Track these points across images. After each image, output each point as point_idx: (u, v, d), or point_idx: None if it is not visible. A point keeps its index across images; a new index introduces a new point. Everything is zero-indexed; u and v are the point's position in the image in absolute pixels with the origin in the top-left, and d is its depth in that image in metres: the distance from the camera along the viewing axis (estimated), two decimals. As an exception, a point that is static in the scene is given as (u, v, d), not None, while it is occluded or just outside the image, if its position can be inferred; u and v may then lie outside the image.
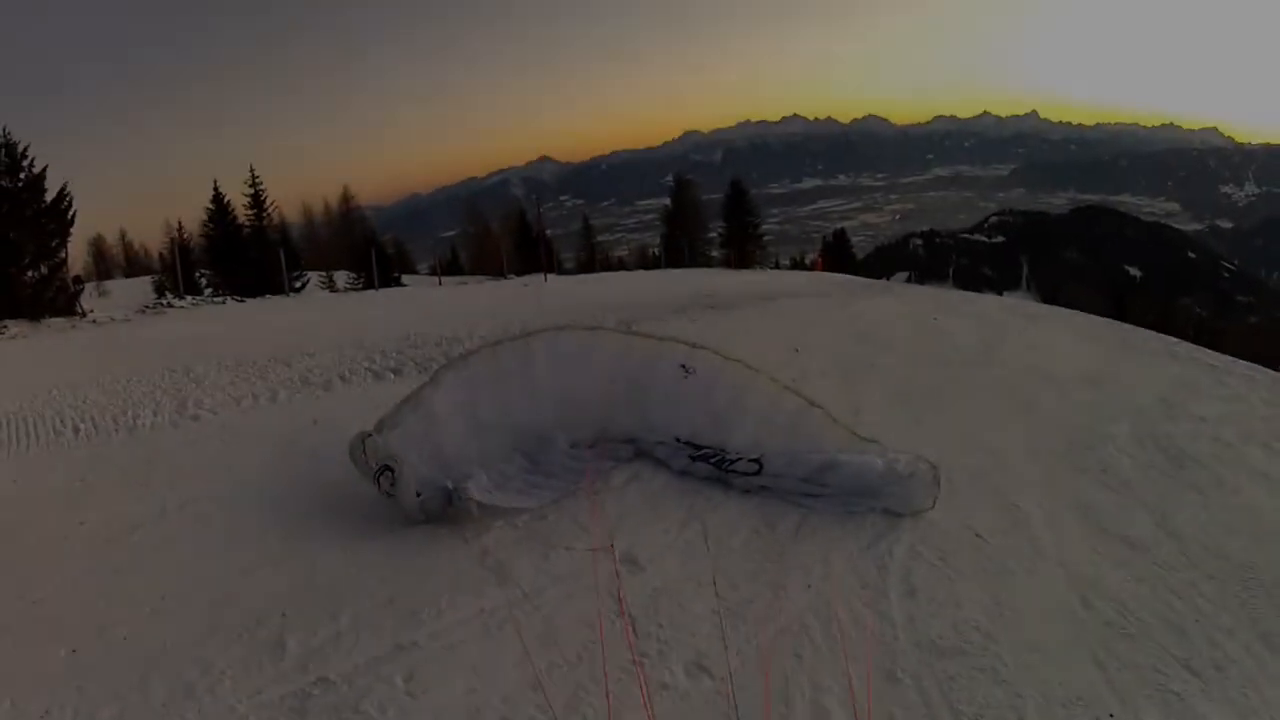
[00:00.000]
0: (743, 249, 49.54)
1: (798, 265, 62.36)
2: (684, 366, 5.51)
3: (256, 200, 35.41)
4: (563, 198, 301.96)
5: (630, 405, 5.60)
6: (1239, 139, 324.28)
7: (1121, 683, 3.38)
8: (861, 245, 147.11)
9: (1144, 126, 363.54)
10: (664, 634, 3.62)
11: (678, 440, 5.45)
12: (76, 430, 6.88)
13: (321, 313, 15.85)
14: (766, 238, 56.08)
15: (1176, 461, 5.93)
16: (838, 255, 61.09)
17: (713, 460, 5.29)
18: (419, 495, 4.71)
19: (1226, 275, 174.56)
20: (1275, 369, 22.18)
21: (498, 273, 38.85)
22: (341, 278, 39.15)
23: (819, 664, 3.44)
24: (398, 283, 36.11)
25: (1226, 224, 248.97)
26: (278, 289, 27.50)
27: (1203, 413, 7.13)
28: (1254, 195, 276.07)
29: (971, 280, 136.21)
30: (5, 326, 14.55)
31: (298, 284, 32.43)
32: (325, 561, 4.29)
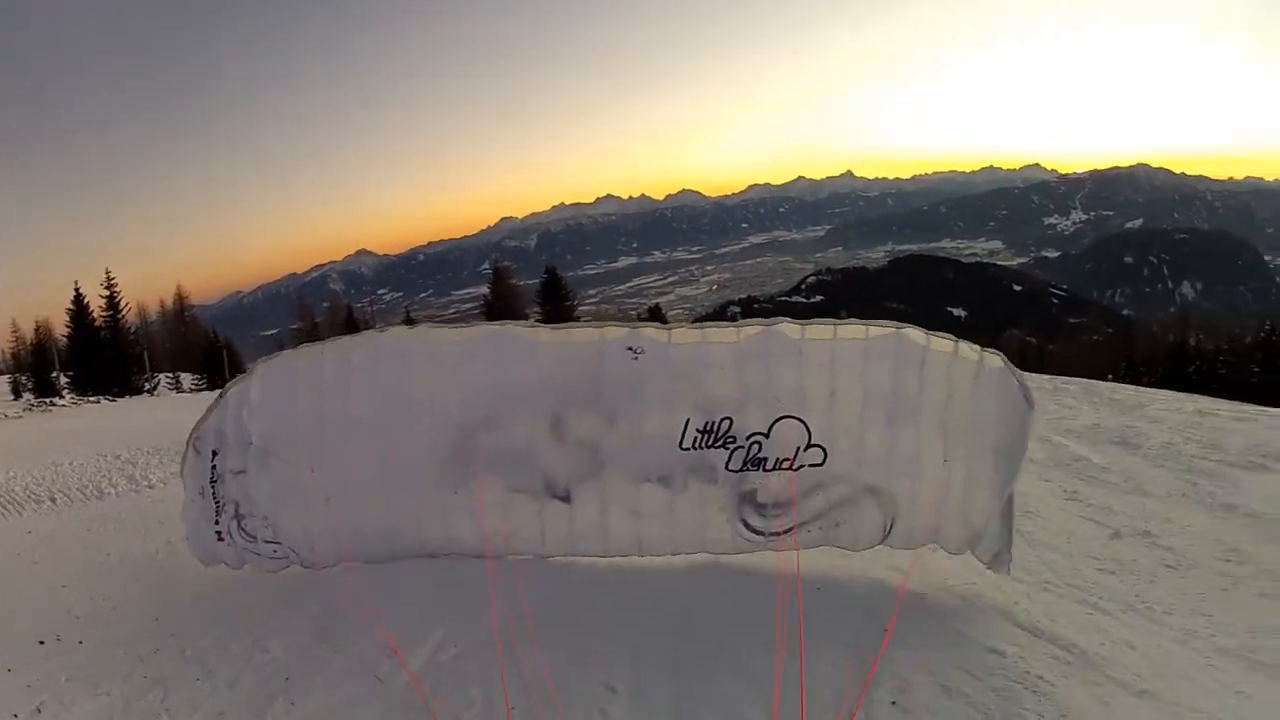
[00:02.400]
0: None
1: None
2: (631, 349, 4.50)
3: (112, 302, 35.70)
4: (381, 291, 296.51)
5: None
6: (1063, 170, 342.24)
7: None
8: (679, 318, 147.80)
9: (963, 172, 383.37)
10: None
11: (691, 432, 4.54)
12: (54, 499, 8.66)
13: (188, 411, 17.62)
14: (584, 320, 58.57)
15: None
16: None
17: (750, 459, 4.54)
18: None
19: (1056, 301, 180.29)
20: (1105, 379, 26.22)
21: None
22: (187, 379, 39.27)
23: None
24: None
25: (1053, 253, 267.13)
26: (134, 389, 28.24)
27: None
28: (1081, 222, 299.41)
29: None
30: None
31: (149, 385, 32.93)
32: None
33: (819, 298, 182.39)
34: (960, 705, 3.58)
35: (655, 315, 70.08)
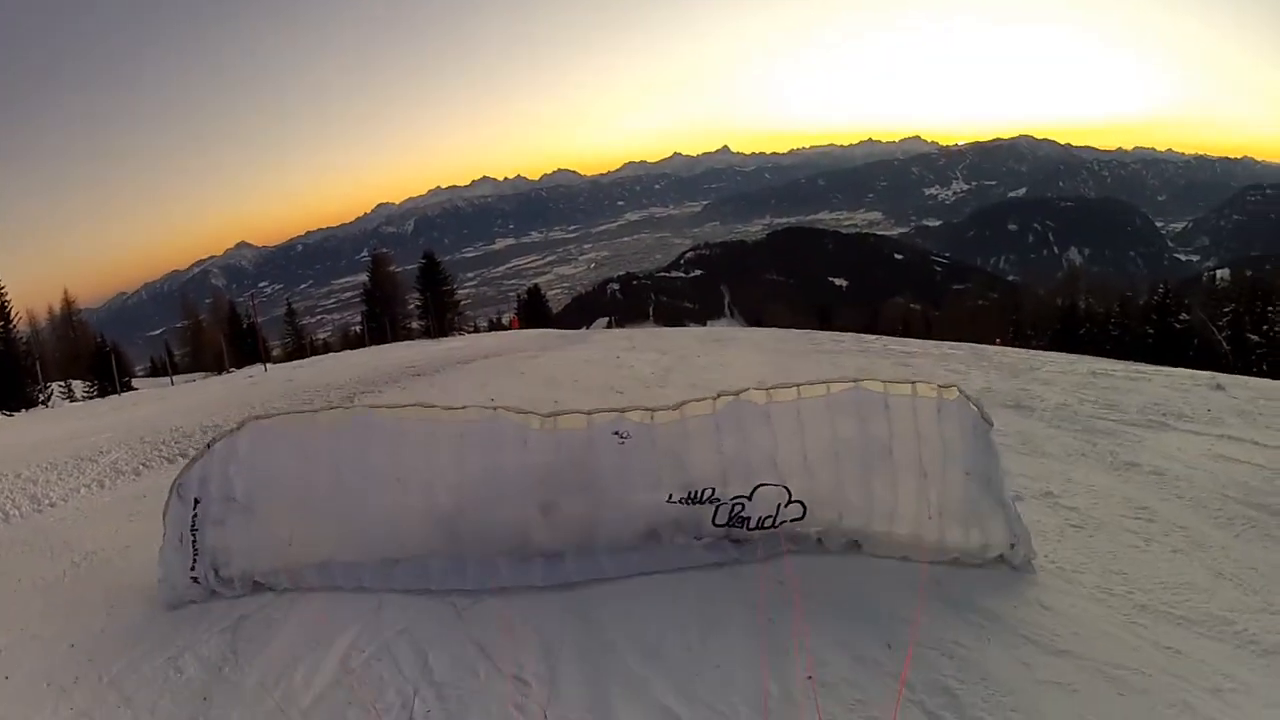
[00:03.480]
0: (441, 318, 52.23)
1: (495, 326, 64.22)
2: (618, 434, 4.67)
3: (2, 311, 33.80)
4: (262, 284, 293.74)
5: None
6: (944, 141, 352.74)
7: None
8: (558, 298, 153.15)
9: (841, 145, 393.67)
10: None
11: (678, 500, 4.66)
12: None
13: (82, 421, 16.74)
14: (464, 303, 59.63)
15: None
16: (533, 311, 64.62)
17: (731, 516, 4.68)
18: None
19: (939, 269, 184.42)
20: (994, 343, 26.92)
21: (217, 367, 40.73)
22: (79, 386, 37.71)
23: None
24: (129, 387, 35.66)
25: (934, 222, 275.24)
26: (28, 401, 26.96)
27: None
28: (963, 191, 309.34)
29: (674, 315, 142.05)
30: None
31: (43, 396, 31.46)
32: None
33: (698, 272, 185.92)
34: (875, 674, 3.60)
35: (534, 295, 70.17)
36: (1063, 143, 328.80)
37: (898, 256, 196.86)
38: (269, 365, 30.76)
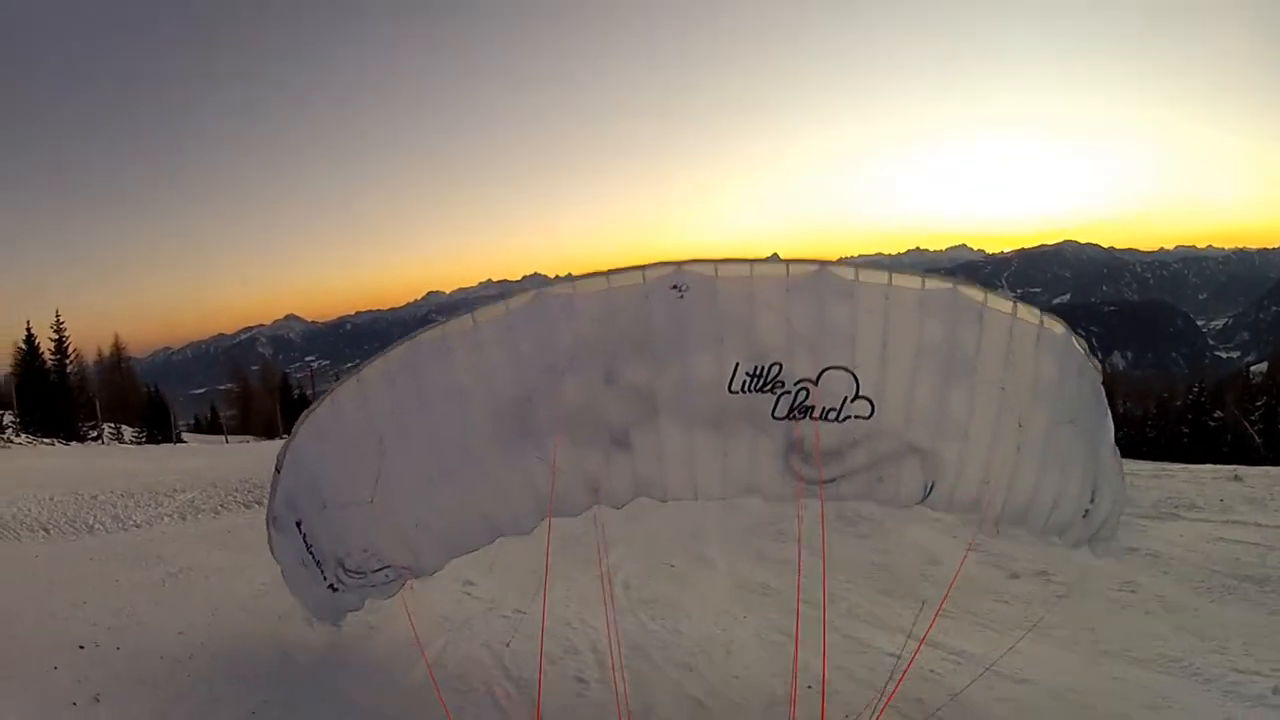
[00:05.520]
0: None
1: None
2: (676, 287, 4.18)
3: (60, 345, 35.20)
4: (309, 357, 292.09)
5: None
6: (990, 249, 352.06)
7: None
8: None
9: (889, 254, 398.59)
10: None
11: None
12: (46, 530, 9.19)
13: (146, 462, 17.92)
14: None
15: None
16: None
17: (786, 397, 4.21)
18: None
19: None
20: None
21: (267, 432, 42.15)
22: (128, 431, 38.83)
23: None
24: (180, 439, 36.96)
25: None
26: (79, 436, 28.26)
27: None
28: (1010, 300, 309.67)
29: None
30: None
31: (96, 433, 32.69)
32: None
33: None
34: (862, 688, 4.36)
35: None
36: (1106, 246, 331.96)
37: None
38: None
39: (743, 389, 4.20)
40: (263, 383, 60.42)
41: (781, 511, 6.33)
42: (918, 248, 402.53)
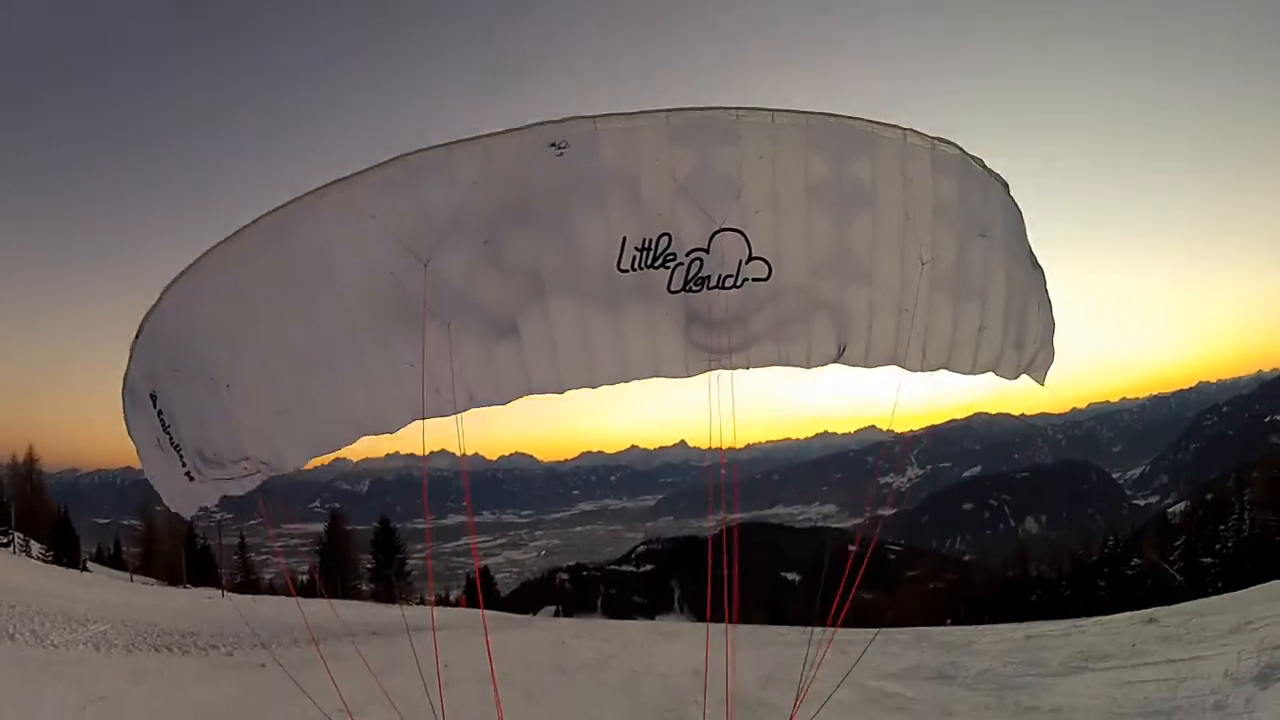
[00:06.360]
0: (390, 585, 53.67)
1: (443, 602, 62.92)
2: (555, 144, 3.79)
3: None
4: (213, 509, 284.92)
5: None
6: (899, 428, 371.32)
7: None
8: (506, 581, 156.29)
9: (797, 439, 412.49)
10: None
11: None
12: None
13: (58, 584, 18.01)
14: (412, 573, 59.97)
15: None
16: (483, 592, 64.40)
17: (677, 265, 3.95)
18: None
19: (892, 557, 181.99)
20: (943, 624, 27.86)
21: (170, 578, 42.11)
22: (35, 547, 37.40)
23: None
24: (85, 567, 35.69)
25: (888, 511, 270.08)
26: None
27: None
28: (917, 476, 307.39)
29: (622, 608, 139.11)
30: None
31: (5, 540, 31.51)
32: None
33: (649, 566, 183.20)
34: None
35: (484, 575, 72.23)
36: (1018, 414, 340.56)
37: (851, 548, 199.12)
38: (225, 592, 31.36)
39: (633, 266, 3.99)
40: (167, 526, 58.08)
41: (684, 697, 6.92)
42: (826, 431, 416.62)
